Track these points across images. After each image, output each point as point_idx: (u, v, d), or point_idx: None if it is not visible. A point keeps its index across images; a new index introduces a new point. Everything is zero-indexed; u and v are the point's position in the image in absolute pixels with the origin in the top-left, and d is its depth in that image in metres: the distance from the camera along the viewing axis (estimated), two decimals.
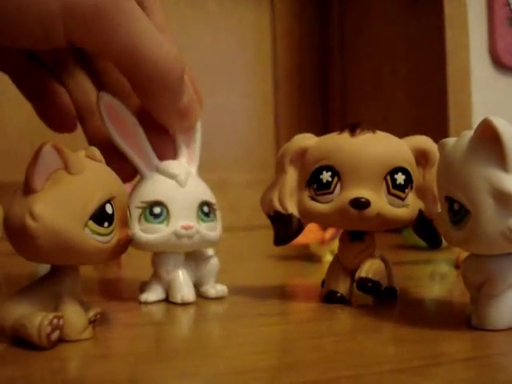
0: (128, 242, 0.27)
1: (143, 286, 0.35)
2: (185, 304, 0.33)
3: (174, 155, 0.35)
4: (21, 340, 0.24)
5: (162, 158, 0.35)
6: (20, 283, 0.26)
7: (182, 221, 0.33)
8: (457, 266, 0.46)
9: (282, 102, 1.10)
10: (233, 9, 1.04)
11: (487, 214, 0.23)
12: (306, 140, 0.33)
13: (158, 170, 0.34)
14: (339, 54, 1.05)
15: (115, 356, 0.25)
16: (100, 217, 0.25)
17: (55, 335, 0.24)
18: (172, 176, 0.34)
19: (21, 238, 0.24)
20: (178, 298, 0.34)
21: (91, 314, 0.27)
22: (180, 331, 0.30)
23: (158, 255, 0.34)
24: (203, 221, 0.34)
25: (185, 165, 0.35)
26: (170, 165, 0.34)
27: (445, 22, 0.78)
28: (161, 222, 0.33)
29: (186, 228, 0.33)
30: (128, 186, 0.41)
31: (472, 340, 0.25)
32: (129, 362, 0.24)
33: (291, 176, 0.33)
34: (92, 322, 0.27)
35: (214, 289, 0.35)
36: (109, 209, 0.25)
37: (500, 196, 0.23)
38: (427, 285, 0.42)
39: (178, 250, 0.34)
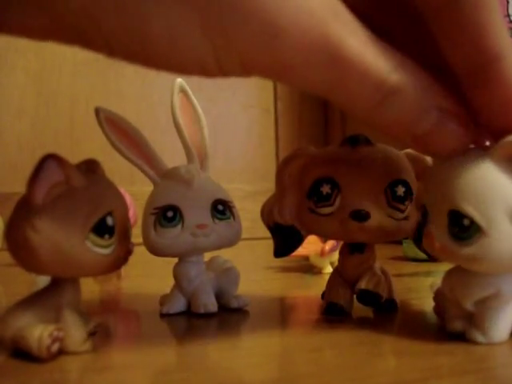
0: (129, 254, 0.27)
1: (164, 299, 0.35)
2: (207, 315, 0.33)
3: None
4: (21, 352, 0.24)
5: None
6: (20, 294, 0.26)
7: (196, 221, 0.33)
8: None
9: (283, 112, 1.10)
10: None
11: (503, 233, 0.23)
12: (306, 152, 0.33)
13: (166, 175, 0.34)
14: None
15: (115, 368, 0.25)
16: (101, 229, 0.25)
17: (55, 347, 0.24)
18: (181, 179, 0.33)
19: (21, 249, 0.24)
20: (201, 309, 0.33)
21: (91, 325, 0.27)
22: (180, 343, 0.30)
23: (179, 265, 0.34)
24: (219, 219, 0.34)
25: (193, 168, 0.34)
26: (178, 169, 0.34)
27: None
28: (175, 226, 0.33)
29: (201, 227, 0.33)
30: (127, 197, 0.41)
31: (472, 352, 0.25)
32: (129, 374, 0.23)
33: (291, 188, 0.33)
34: (92, 334, 0.27)
35: (236, 299, 0.35)
36: (109, 221, 0.25)
37: None
38: (427, 297, 0.42)
39: (196, 251, 0.34)
